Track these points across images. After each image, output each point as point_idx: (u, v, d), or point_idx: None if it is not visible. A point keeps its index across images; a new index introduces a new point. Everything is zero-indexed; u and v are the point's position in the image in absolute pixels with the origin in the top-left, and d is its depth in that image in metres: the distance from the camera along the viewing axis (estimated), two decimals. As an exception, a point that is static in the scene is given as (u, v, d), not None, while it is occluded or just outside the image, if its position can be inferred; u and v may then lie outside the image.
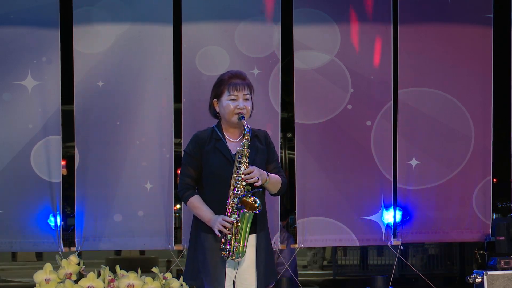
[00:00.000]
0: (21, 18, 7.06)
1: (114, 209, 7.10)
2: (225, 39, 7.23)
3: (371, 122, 7.32)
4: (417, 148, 7.37)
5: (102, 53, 7.15)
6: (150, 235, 7.15)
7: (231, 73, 4.34)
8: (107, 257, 16.10)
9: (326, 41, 7.32)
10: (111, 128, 7.14)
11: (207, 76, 7.08)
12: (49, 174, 7.06)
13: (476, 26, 7.40)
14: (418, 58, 7.40)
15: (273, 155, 4.40)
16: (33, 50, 7.08)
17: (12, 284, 15.50)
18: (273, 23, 7.24)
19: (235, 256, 4.16)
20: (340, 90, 7.32)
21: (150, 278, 5.83)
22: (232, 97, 4.26)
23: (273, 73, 7.24)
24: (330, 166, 7.31)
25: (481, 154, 7.39)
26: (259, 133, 4.36)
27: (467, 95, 7.42)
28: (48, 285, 5.53)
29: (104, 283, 5.63)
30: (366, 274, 15.56)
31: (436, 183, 7.39)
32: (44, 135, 7.07)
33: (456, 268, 15.22)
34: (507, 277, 5.96)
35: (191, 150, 4.33)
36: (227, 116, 4.27)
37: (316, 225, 7.29)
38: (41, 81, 7.09)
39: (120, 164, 7.12)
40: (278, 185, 4.34)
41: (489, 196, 7.40)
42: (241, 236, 4.14)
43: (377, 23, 7.34)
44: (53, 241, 7.04)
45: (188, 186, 4.33)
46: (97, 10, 7.15)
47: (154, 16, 7.18)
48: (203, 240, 4.25)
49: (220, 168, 4.24)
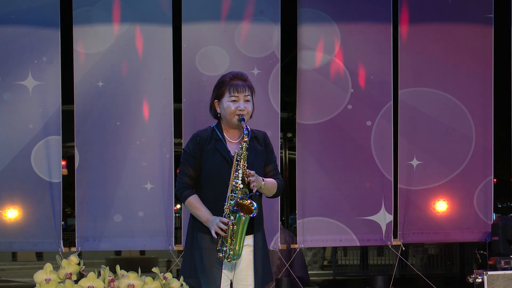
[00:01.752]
0: (22, 18, 7.06)
1: (114, 209, 7.10)
2: (225, 39, 7.22)
3: (371, 122, 7.32)
4: (418, 148, 7.37)
5: (102, 53, 7.14)
6: (150, 235, 7.14)
7: (232, 74, 4.33)
8: (107, 257, 16.07)
9: (326, 41, 7.32)
10: (111, 128, 7.13)
11: (207, 76, 7.08)
12: (49, 174, 7.05)
13: (477, 26, 7.40)
14: (418, 58, 7.40)
15: (271, 156, 4.38)
16: (34, 50, 7.08)
17: (12, 284, 15.48)
18: (273, 23, 7.24)
19: (231, 258, 4.16)
20: (340, 90, 7.32)
21: (150, 278, 5.82)
22: (233, 99, 4.25)
23: (273, 73, 7.24)
24: (330, 166, 7.30)
25: (482, 154, 7.39)
26: (258, 135, 4.35)
27: (467, 95, 7.42)
28: (48, 285, 5.53)
29: (104, 283, 5.62)
30: (367, 274, 15.54)
31: (437, 183, 7.38)
32: (44, 135, 7.07)
33: (456, 268, 15.19)
34: (507, 277, 5.95)
35: (191, 150, 4.31)
36: (228, 117, 4.26)
37: (316, 225, 7.29)
38: (41, 81, 7.08)
39: (120, 164, 7.12)
40: (274, 190, 4.33)
41: (490, 196, 7.39)
42: (237, 239, 4.13)
43: (377, 23, 7.34)
44: (53, 241, 7.04)
45: (186, 185, 4.32)
46: (97, 10, 7.15)
47: (154, 16, 7.18)
48: (200, 240, 4.24)
49: (219, 169, 4.22)
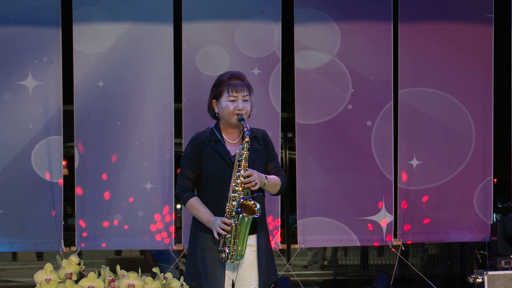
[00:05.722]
0: (22, 18, 7.06)
1: (114, 209, 7.10)
2: (225, 39, 7.22)
3: (371, 122, 7.32)
4: (418, 148, 7.37)
5: (102, 53, 7.15)
6: (150, 235, 7.14)
7: (230, 74, 4.32)
8: (108, 257, 16.05)
9: (326, 41, 7.32)
10: (111, 128, 7.14)
11: (207, 76, 7.08)
12: (50, 174, 7.05)
13: (477, 26, 7.40)
14: (418, 58, 7.40)
15: (272, 154, 4.38)
16: (34, 50, 7.07)
17: (12, 284, 15.49)
18: (274, 23, 7.24)
19: (233, 259, 4.15)
20: (340, 90, 7.32)
21: (150, 278, 5.81)
22: (232, 98, 4.24)
23: (273, 73, 7.24)
24: (331, 166, 7.30)
25: (482, 154, 7.39)
26: (258, 133, 4.34)
27: (467, 95, 7.42)
28: (49, 285, 5.52)
29: (105, 283, 5.62)
30: (367, 274, 15.54)
31: (437, 183, 7.38)
32: (45, 135, 7.07)
33: (456, 268, 15.19)
34: (508, 277, 5.95)
35: (190, 153, 4.31)
36: (227, 117, 4.25)
37: (317, 225, 7.29)
38: (42, 81, 7.09)
39: (120, 164, 7.12)
40: (277, 187, 4.33)
41: (490, 196, 7.39)
42: (240, 239, 4.12)
43: (377, 23, 7.34)
44: (54, 241, 7.04)
45: (186, 188, 4.32)
46: (97, 10, 7.15)
47: (154, 16, 7.18)
48: (202, 241, 4.24)
49: (219, 171, 4.22)
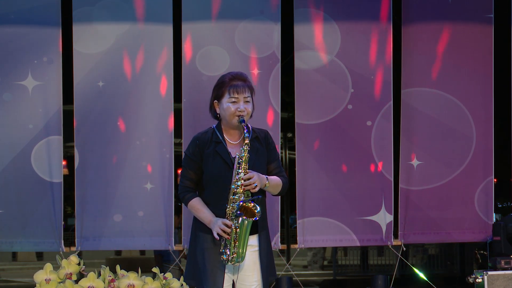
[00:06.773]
0: (22, 18, 7.06)
1: (114, 209, 7.10)
2: (225, 39, 7.22)
3: (371, 122, 7.32)
4: (418, 148, 7.36)
5: (102, 53, 7.14)
6: (150, 235, 7.14)
7: (231, 75, 4.31)
8: (107, 257, 16.06)
9: (326, 41, 7.32)
10: (111, 128, 7.13)
11: (207, 76, 7.08)
12: (50, 174, 7.05)
13: (477, 26, 7.39)
14: (418, 58, 7.40)
15: (273, 154, 4.37)
16: (34, 50, 7.07)
17: (12, 284, 15.49)
18: (273, 23, 7.24)
19: (234, 261, 4.15)
20: (340, 90, 7.32)
21: (150, 278, 5.82)
22: (233, 100, 4.23)
23: (273, 73, 7.23)
24: (331, 166, 7.30)
25: (483, 154, 7.39)
26: (260, 134, 4.33)
27: (468, 95, 7.41)
28: (49, 285, 5.52)
29: (105, 283, 5.61)
30: (367, 274, 15.54)
31: (438, 183, 7.38)
32: (45, 135, 7.07)
33: (456, 268, 15.19)
34: (508, 277, 5.95)
35: (191, 153, 4.30)
36: (228, 118, 4.25)
37: (317, 225, 7.28)
38: (41, 81, 7.08)
39: (120, 164, 7.12)
40: (279, 188, 4.33)
41: (491, 196, 7.39)
42: (240, 242, 4.12)
43: (377, 23, 7.34)
44: (54, 241, 7.04)
45: (188, 188, 4.32)
46: (97, 10, 7.15)
47: (154, 16, 7.18)
48: (202, 241, 4.24)
49: (220, 172, 4.21)
